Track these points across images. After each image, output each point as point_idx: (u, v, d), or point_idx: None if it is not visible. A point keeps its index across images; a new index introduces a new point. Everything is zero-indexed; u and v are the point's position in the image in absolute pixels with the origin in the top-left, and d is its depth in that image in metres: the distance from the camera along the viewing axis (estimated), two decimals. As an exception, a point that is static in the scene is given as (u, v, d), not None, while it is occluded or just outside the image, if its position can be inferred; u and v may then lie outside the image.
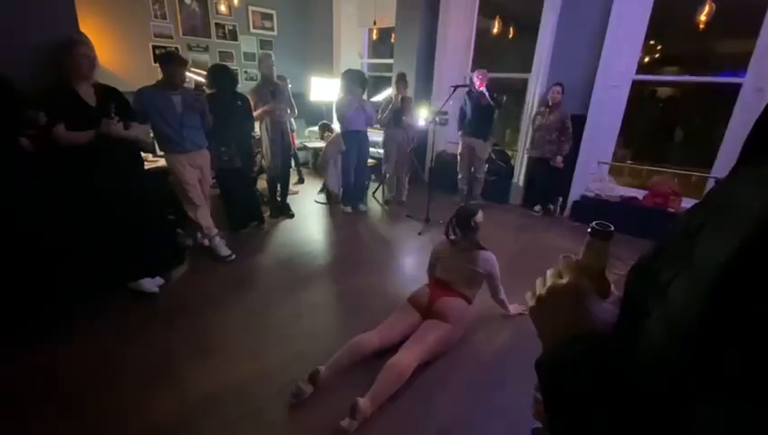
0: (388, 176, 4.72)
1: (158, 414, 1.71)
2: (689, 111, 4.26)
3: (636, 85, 4.10)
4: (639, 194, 4.07)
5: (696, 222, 0.32)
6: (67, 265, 2.31)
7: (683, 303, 0.28)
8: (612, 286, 0.49)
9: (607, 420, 0.32)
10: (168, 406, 1.75)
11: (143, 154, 2.98)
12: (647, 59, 4.14)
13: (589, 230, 0.47)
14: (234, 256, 3.14)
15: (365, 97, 4.17)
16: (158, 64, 2.83)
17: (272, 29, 5.67)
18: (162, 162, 3.20)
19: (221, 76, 3.28)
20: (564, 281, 0.45)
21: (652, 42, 4.06)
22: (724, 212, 0.29)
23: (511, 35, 4.84)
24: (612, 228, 0.46)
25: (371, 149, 4.52)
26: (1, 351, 2.00)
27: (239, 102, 3.34)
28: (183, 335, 2.24)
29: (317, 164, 4.83)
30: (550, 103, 4.11)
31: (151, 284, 2.61)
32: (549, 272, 0.50)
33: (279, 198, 4.18)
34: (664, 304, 0.30)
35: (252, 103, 3.63)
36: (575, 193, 4.32)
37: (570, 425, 0.36)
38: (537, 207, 4.54)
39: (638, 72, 4.06)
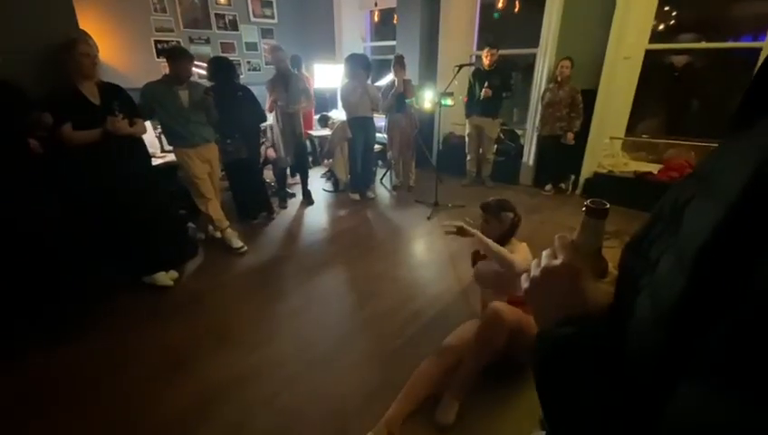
0: (393, 162, 4.69)
1: (176, 402, 1.77)
2: (707, 80, 4.07)
3: (649, 55, 3.93)
4: (655, 169, 3.96)
5: (684, 195, 0.30)
6: (82, 263, 2.37)
7: (668, 279, 0.27)
8: (611, 266, 0.48)
9: (593, 403, 0.31)
10: (185, 394, 1.81)
11: (151, 150, 3.01)
12: (661, 26, 3.95)
13: (583, 209, 0.45)
14: (245, 248, 3.19)
15: (369, 82, 4.11)
16: (161, 59, 2.83)
17: (272, 17, 5.59)
18: (171, 157, 3.24)
19: (221, 68, 3.27)
20: (558, 262, 0.44)
21: (666, 7, 3.86)
22: (712, 181, 0.28)
23: (516, 9, 4.66)
24: (608, 206, 0.44)
25: (378, 135, 4.47)
26: (22, 348, 2.07)
27: (240, 93, 3.33)
28: (198, 326, 2.29)
29: (323, 152, 4.82)
30: (559, 79, 3.98)
31: (165, 277, 2.67)
32: (544, 253, 0.48)
33: (285, 188, 4.24)
34: (652, 281, 0.29)
35: (268, 95, 3.71)
36: (587, 170, 4.22)
37: (558, 407, 0.35)
38: (548, 187, 4.46)
39: (651, 41, 3.89)
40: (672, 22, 3.96)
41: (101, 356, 2.06)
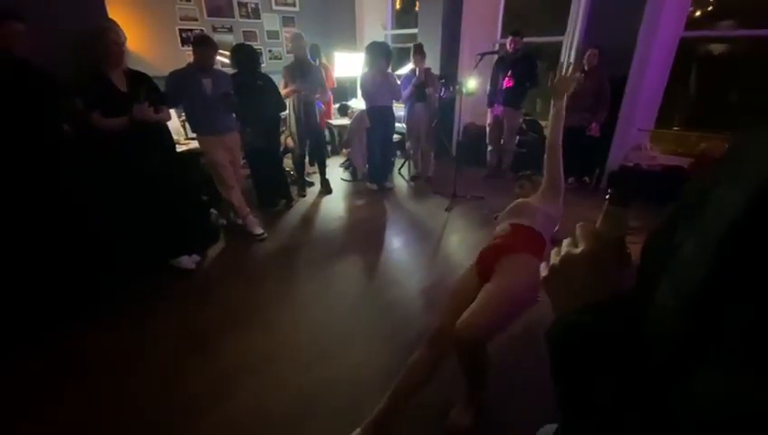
0: (412, 152, 4.66)
1: (196, 382, 1.83)
2: (744, 70, 3.85)
3: (684, 43, 3.75)
4: (685, 163, 3.80)
5: (710, 182, 0.29)
6: (112, 246, 2.48)
7: (691, 264, 0.26)
8: (633, 256, 0.47)
9: (608, 391, 0.31)
10: (204, 373, 1.88)
11: (175, 137, 3.09)
12: (697, 12, 3.75)
13: (607, 197, 0.44)
14: (265, 235, 3.25)
15: (390, 70, 4.07)
16: (186, 47, 2.88)
17: (294, 5, 5.59)
18: (195, 144, 3.31)
19: (243, 56, 3.30)
20: (579, 250, 0.43)
21: (704, -8, 3.67)
22: (738, 169, 0.27)
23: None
24: (631, 195, 0.43)
25: (396, 124, 4.44)
26: (53, 327, 2.16)
27: (261, 82, 3.35)
28: (218, 309, 2.36)
29: (342, 141, 4.84)
30: (586, 68, 3.85)
31: (189, 261, 2.76)
32: (564, 241, 0.48)
33: (304, 176, 4.31)
34: (675, 267, 0.29)
35: (283, 82, 3.72)
36: (612, 163, 4.09)
37: (572, 395, 0.35)
38: (570, 179, 4.34)
39: (686, 29, 3.70)
40: (710, 8, 3.75)
41: (128, 335, 2.15)
